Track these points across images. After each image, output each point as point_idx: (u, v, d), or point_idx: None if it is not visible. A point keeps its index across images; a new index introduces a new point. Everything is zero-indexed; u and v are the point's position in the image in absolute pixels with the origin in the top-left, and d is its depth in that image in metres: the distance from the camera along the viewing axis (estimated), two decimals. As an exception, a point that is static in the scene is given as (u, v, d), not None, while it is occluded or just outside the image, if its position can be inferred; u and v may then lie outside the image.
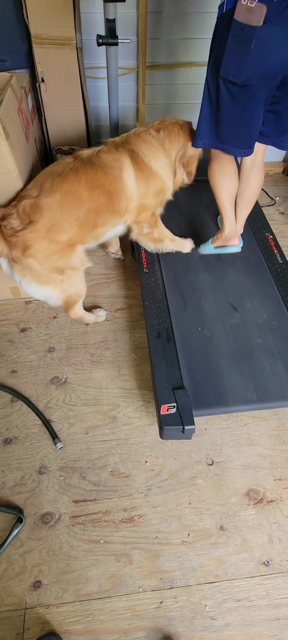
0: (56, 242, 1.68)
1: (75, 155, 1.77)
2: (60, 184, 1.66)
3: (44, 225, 1.63)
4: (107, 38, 1.98)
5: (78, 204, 1.69)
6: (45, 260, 1.68)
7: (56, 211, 1.65)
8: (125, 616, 1.40)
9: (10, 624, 1.38)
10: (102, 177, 1.71)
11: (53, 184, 1.66)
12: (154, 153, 1.84)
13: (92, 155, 1.75)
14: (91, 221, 1.76)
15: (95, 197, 1.72)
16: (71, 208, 1.68)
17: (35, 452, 1.74)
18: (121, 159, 1.76)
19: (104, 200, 1.74)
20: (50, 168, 1.74)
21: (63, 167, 1.71)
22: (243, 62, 1.39)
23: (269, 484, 1.68)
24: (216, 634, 1.37)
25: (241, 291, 2.02)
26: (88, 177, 1.69)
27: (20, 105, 1.99)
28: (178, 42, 2.51)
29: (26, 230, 1.61)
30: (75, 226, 1.72)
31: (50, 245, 1.67)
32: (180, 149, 1.91)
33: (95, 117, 2.77)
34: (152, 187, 1.86)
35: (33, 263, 1.66)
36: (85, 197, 1.69)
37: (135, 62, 2.54)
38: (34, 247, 1.63)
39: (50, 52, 2.18)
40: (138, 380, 1.99)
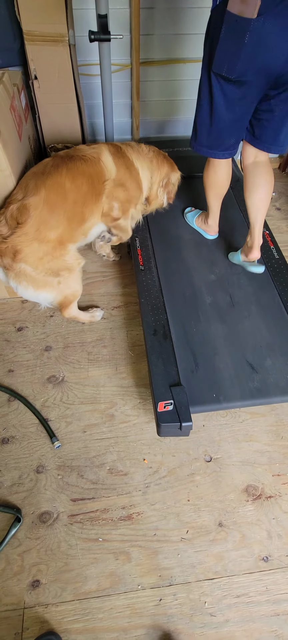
0: (46, 242, 1.68)
1: (55, 155, 1.82)
2: (44, 181, 1.68)
3: (31, 226, 1.63)
4: (99, 34, 1.96)
5: (63, 195, 1.71)
6: (38, 263, 1.67)
7: (43, 208, 1.65)
8: (124, 614, 1.40)
9: (9, 624, 1.38)
10: (82, 164, 1.77)
11: (37, 182, 1.68)
12: (139, 158, 1.99)
13: (70, 150, 1.84)
14: (78, 214, 1.79)
15: (79, 185, 1.75)
16: (57, 201, 1.69)
17: (33, 452, 1.74)
18: (100, 148, 1.88)
19: (86, 187, 1.78)
20: (32, 170, 1.79)
21: (43, 166, 1.75)
22: (236, 56, 1.37)
23: (268, 479, 1.68)
24: (216, 631, 1.37)
25: (237, 286, 2.02)
26: (68, 168, 1.74)
27: (12, 102, 1.98)
28: (172, 38, 2.50)
29: (14, 235, 1.61)
30: (64, 221, 1.72)
31: (40, 247, 1.66)
32: (165, 177, 2.11)
33: (91, 114, 2.76)
34: (131, 176, 1.96)
35: (26, 268, 1.65)
36: (68, 187, 1.72)
37: (129, 58, 2.53)
38: (24, 251, 1.62)
39: (43, 49, 2.16)
40: (135, 378, 1.99)
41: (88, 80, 2.55)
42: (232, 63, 1.40)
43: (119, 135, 2.80)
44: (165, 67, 2.62)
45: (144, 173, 2.01)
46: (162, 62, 2.59)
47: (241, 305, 1.94)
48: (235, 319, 1.88)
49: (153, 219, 2.31)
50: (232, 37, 1.35)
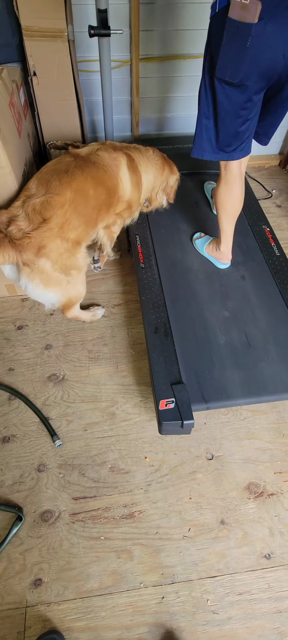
0: (67, 240, 1.70)
1: (74, 153, 1.82)
2: (70, 182, 1.69)
3: (57, 224, 1.64)
4: (99, 29, 1.96)
5: (86, 201, 1.75)
6: (58, 259, 1.68)
7: (68, 209, 1.67)
8: (127, 612, 1.41)
9: (11, 623, 1.39)
10: (103, 174, 1.81)
11: (61, 181, 1.68)
12: (147, 166, 2.04)
13: (90, 153, 1.84)
14: (93, 219, 1.84)
15: (99, 194, 1.80)
16: (80, 205, 1.72)
17: (34, 450, 1.75)
18: (119, 158, 1.88)
19: (104, 197, 1.84)
20: (52, 166, 1.76)
21: (66, 165, 1.75)
22: (239, 61, 1.38)
23: (269, 477, 1.69)
24: (218, 628, 1.38)
25: (238, 284, 2.04)
26: (93, 175, 1.77)
27: (11, 99, 1.98)
28: (172, 33, 2.49)
29: (40, 229, 1.60)
30: (83, 224, 1.75)
31: (62, 244, 1.68)
32: (164, 180, 2.15)
33: (90, 111, 2.76)
34: (138, 192, 2.01)
35: (45, 264, 1.65)
36: (91, 195, 1.76)
37: (129, 54, 2.52)
38: (49, 247, 1.63)
39: (42, 44, 2.15)
40: (136, 376, 2.00)
41: (87, 76, 2.54)
42: (235, 68, 1.40)
43: (118, 132, 2.79)
44: (164, 64, 2.61)
45: (148, 178, 2.06)
46: (162, 59, 2.58)
47: (242, 301, 1.96)
48: (237, 316, 1.89)
49: (154, 216, 2.31)
50: (234, 43, 1.35)
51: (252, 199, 2.51)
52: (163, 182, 2.16)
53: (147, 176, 2.05)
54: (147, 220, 2.32)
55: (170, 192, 2.23)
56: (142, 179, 2.02)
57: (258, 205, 2.48)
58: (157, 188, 2.15)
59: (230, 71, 1.42)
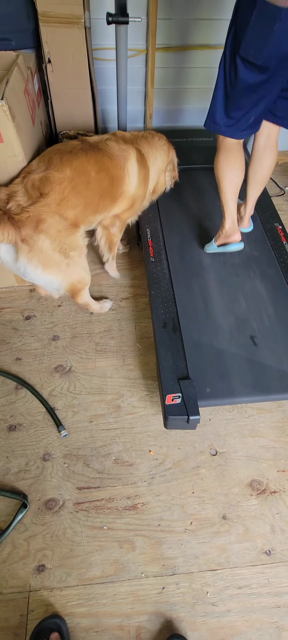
0: (65, 218, 1.74)
1: (82, 139, 1.90)
2: (71, 160, 1.76)
3: (54, 199, 1.68)
4: (117, 16, 1.98)
5: (86, 182, 1.80)
6: (57, 236, 1.71)
7: (66, 186, 1.72)
8: (128, 600, 1.50)
9: (15, 606, 1.48)
10: (108, 161, 1.87)
11: (62, 159, 1.75)
12: (155, 155, 2.11)
13: (99, 141, 1.91)
14: (94, 203, 1.89)
15: (101, 179, 1.85)
16: (80, 185, 1.77)
17: (40, 439, 1.84)
18: (128, 150, 1.95)
19: (107, 184, 1.89)
20: (57, 146, 1.85)
21: (71, 146, 1.83)
22: (264, 43, 1.43)
23: (272, 475, 1.77)
24: (217, 620, 1.47)
25: (249, 282, 2.10)
26: (96, 159, 1.83)
27: (26, 86, 2.04)
28: (190, 23, 2.53)
29: (38, 203, 1.64)
30: (81, 204, 1.80)
31: (60, 221, 1.72)
32: (170, 162, 2.25)
33: (102, 101, 2.82)
34: (145, 186, 2.10)
35: (44, 241, 1.67)
36: (92, 177, 1.82)
37: (145, 43, 2.58)
38: (47, 222, 1.66)
39: (58, 31, 2.19)
40: (142, 370, 2.08)
41: (101, 65, 2.60)
42: (259, 49, 1.46)
43: (130, 123, 2.83)
44: (180, 54, 2.66)
45: (155, 168, 2.15)
46: (179, 48, 2.63)
47: (252, 300, 2.02)
48: (247, 314, 1.96)
49: (165, 210, 2.38)
50: (261, 24, 1.41)
51: (264, 196, 2.56)
52: (170, 164, 2.25)
53: (155, 166, 2.14)
54: (158, 214, 2.39)
55: (177, 174, 2.33)
56: (150, 173, 2.11)
57: (271, 202, 2.55)
58: (163, 173, 2.23)
59: (253, 51, 1.48)
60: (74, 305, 2.30)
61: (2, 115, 1.72)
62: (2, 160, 1.83)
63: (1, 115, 1.72)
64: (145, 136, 2.13)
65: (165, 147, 2.20)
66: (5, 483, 1.73)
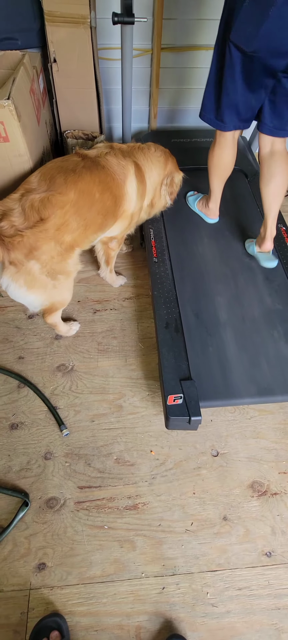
0: (61, 243, 1.68)
1: (82, 154, 1.83)
2: (75, 182, 1.68)
3: (54, 225, 1.61)
4: (122, 16, 1.97)
5: (90, 204, 1.75)
6: (48, 262, 1.66)
7: (68, 210, 1.65)
8: (128, 600, 1.51)
9: (15, 604, 1.50)
10: (111, 180, 1.83)
11: (67, 180, 1.67)
12: (151, 168, 2.07)
13: (99, 156, 1.85)
14: (97, 224, 1.85)
15: (105, 199, 1.81)
16: (83, 207, 1.72)
17: (41, 438, 1.86)
18: (127, 167, 1.90)
19: (110, 203, 1.85)
20: (58, 163, 1.77)
21: (73, 164, 1.75)
22: (256, 29, 1.42)
23: (273, 476, 1.79)
24: (217, 621, 1.48)
25: (252, 283, 2.12)
26: (101, 179, 1.78)
27: (32, 85, 2.07)
28: (195, 23, 2.55)
29: (36, 228, 1.57)
30: (82, 227, 1.75)
31: (55, 247, 1.66)
32: (169, 175, 2.16)
33: (107, 101, 2.84)
34: (142, 199, 2.07)
35: (34, 266, 1.62)
36: (97, 198, 1.76)
37: (150, 43, 2.60)
38: (41, 249, 1.60)
39: (63, 30, 2.22)
40: (144, 370, 2.10)
41: (106, 64, 2.62)
42: (250, 36, 1.46)
43: (134, 123, 2.87)
44: (185, 54, 2.68)
45: (152, 180, 2.09)
46: (184, 49, 2.65)
47: (255, 301, 2.03)
48: (249, 315, 1.97)
49: (169, 211, 2.39)
50: (255, 8, 1.40)
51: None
52: (168, 178, 2.16)
53: (152, 178, 2.08)
54: (161, 214, 2.40)
55: (175, 190, 2.24)
56: (147, 185, 2.06)
57: (276, 205, 2.55)
58: (159, 186, 2.15)
59: (245, 37, 1.48)
60: (76, 305, 2.33)
61: (8, 115, 1.75)
62: (8, 160, 1.85)
63: (7, 115, 1.75)
64: (141, 147, 2.07)
65: (162, 159, 2.12)
66: (6, 481, 1.75)
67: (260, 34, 1.43)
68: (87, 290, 2.40)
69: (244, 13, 1.44)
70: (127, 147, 2.02)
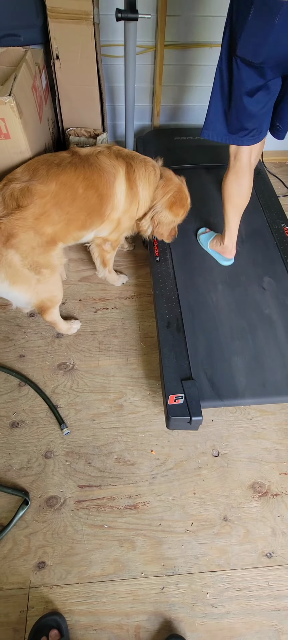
0: (41, 234, 1.68)
1: (73, 151, 1.83)
2: (58, 174, 1.70)
3: (32, 213, 1.62)
4: (126, 12, 1.98)
5: (72, 198, 1.74)
6: (28, 253, 1.65)
7: (49, 201, 1.66)
8: (127, 600, 1.52)
9: (15, 602, 1.51)
10: (97, 178, 1.80)
11: (49, 172, 1.69)
12: (146, 185, 1.96)
13: (90, 154, 1.83)
14: (80, 220, 1.83)
15: (89, 196, 1.79)
16: (65, 201, 1.72)
17: (42, 437, 1.87)
18: (117, 167, 1.87)
19: (95, 201, 1.83)
20: (45, 157, 1.79)
21: (60, 159, 1.76)
22: (264, 39, 1.40)
23: (274, 477, 1.79)
24: (216, 621, 1.49)
25: (254, 283, 2.12)
26: (85, 175, 1.76)
27: (34, 82, 2.08)
28: (199, 19, 2.53)
29: (12, 216, 1.58)
30: (64, 221, 1.75)
31: (35, 237, 1.66)
32: (152, 209, 2.02)
33: (110, 98, 2.84)
34: (133, 209, 1.99)
35: (13, 257, 1.61)
36: (80, 194, 1.76)
37: (153, 40, 2.59)
38: (19, 237, 1.60)
39: (66, 27, 2.20)
40: (145, 370, 2.11)
41: (109, 61, 2.62)
42: (258, 46, 1.43)
43: (137, 120, 2.88)
44: (189, 51, 2.67)
45: (145, 192, 1.99)
46: (188, 46, 2.64)
47: (257, 301, 2.04)
48: (250, 314, 1.98)
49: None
50: (261, 19, 1.38)
51: (271, 196, 2.59)
52: (152, 212, 2.03)
53: (144, 192, 1.98)
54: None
55: (159, 227, 2.08)
56: (140, 193, 1.97)
57: (278, 203, 2.56)
58: (142, 210, 2.06)
59: (252, 50, 1.45)
60: (78, 303, 2.34)
61: (10, 112, 1.76)
62: (9, 157, 1.86)
63: (9, 112, 1.76)
64: (146, 162, 1.99)
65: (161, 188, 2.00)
66: (7, 480, 1.76)
67: (268, 44, 1.41)
68: (88, 289, 2.41)
69: (249, 26, 1.42)
70: (128, 152, 1.98)
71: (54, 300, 1.95)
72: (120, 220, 2.00)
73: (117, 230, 2.06)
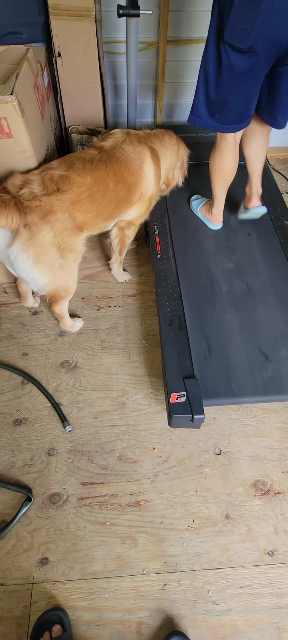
0: (74, 219, 1.79)
1: (99, 147, 1.95)
2: (92, 170, 1.82)
3: (70, 199, 1.74)
4: (128, 9, 1.99)
5: (104, 192, 1.87)
6: (60, 232, 1.75)
7: (84, 191, 1.79)
8: (129, 596, 1.55)
9: (18, 597, 1.53)
10: (125, 171, 1.95)
11: (84, 167, 1.81)
12: (166, 155, 2.19)
13: (115, 147, 1.95)
14: (108, 212, 1.98)
15: (119, 190, 1.94)
16: (97, 195, 1.85)
17: (45, 434, 1.90)
18: (143, 152, 2.00)
19: (124, 193, 1.97)
20: (77, 154, 1.90)
21: (91, 156, 1.89)
22: (251, 24, 1.41)
23: (277, 476, 1.81)
24: (218, 618, 1.51)
25: (257, 281, 2.13)
26: (115, 171, 1.90)
27: (36, 80, 2.08)
28: (202, 15, 2.54)
29: (53, 196, 1.70)
30: (94, 212, 1.87)
31: (69, 220, 1.77)
32: (180, 160, 2.32)
33: (112, 95, 2.86)
34: (158, 185, 2.17)
35: (48, 233, 1.70)
36: (111, 189, 1.89)
37: (156, 36, 2.61)
38: (57, 215, 1.71)
39: (68, 24, 2.22)
40: (148, 368, 2.13)
41: (111, 58, 2.64)
42: (246, 32, 1.44)
43: (140, 118, 2.87)
44: (192, 47, 2.68)
45: (166, 166, 2.21)
46: (191, 41, 2.65)
47: (260, 297, 2.05)
48: (253, 313, 1.99)
49: (173, 207, 2.42)
50: (247, 4, 1.39)
51: (275, 192, 2.59)
52: (179, 162, 2.32)
53: (165, 164, 2.19)
54: (166, 211, 2.43)
55: (186, 169, 2.39)
56: (162, 171, 2.16)
57: (282, 199, 2.57)
58: (173, 171, 2.30)
59: (240, 35, 1.46)
60: (80, 302, 2.36)
61: (12, 111, 1.76)
62: (12, 156, 1.88)
63: (11, 111, 1.76)
64: (157, 134, 2.17)
65: (175, 147, 2.24)
66: (10, 476, 1.79)
67: (255, 29, 1.42)
68: (91, 287, 2.44)
69: (235, 12, 1.42)
70: (144, 134, 2.13)
71: (68, 291, 2.01)
72: (152, 198, 2.17)
73: (148, 210, 2.23)
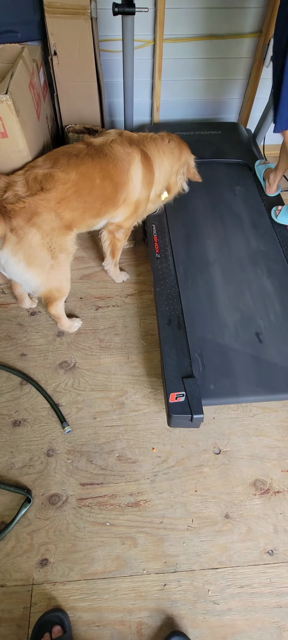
0: (61, 218, 1.77)
1: (88, 142, 1.92)
2: (77, 165, 1.79)
3: (55, 197, 1.71)
4: (123, 6, 1.99)
5: (90, 188, 1.84)
6: (48, 233, 1.73)
7: (69, 188, 1.76)
8: (129, 596, 1.55)
9: (18, 598, 1.54)
10: (112, 168, 1.90)
11: (69, 162, 1.78)
12: (161, 158, 2.11)
13: (104, 144, 1.92)
14: (96, 208, 1.94)
15: (105, 186, 1.90)
16: (83, 190, 1.81)
17: (44, 435, 1.90)
18: (132, 154, 1.96)
19: (111, 191, 1.93)
20: (63, 148, 1.86)
21: (77, 150, 1.85)
22: None
23: (276, 475, 1.81)
24: (218, 618, 1.52)
25: (255, 279, 2.13)
26: (102, 166, 1.86)
27: (31, 79, 2.08)
28: (199, 12, 2.54)
29: (37, 196, 1.67)
30: (81, 208, 1.85)
31: (56, 219, 1.75)
32: (184, 164, 2.24)
33: (109, 94, 2.85)
34: (148, 190, 2.12)
35: (34, 236, 1.68)
36: (97, 184, 1.86)
37: (152, 34, 2.60)
38: (42, 216, 1.68)
39: (64, 22, 2.22)
40: (147, 367, 2.13)
41: (108, 56, 2.63)
42: None
43: (137, 116, 2.88)
44: (189, 44, 2.68)
45: (162, 171, 2.14)
46: (188, 39, 2.64)
47: (259, 298, 2.04)
48: (253, 311, 1.99)
49: (172, 206, 2.41)
50: None
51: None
52: (183, 167, 2.23)
53: (162, 169, 2.13)
54: (164, 210, 2.42)
55: (194, 172, 2.31)
56: (155, 176, 2.11)
57: (280, 197, 2.57)
58: (174, 176, 2.22)
59: None
60: (78, 302, 2.36)
61: (7, 110, 1.77)
62: (7, 156, 1.88)
63: (5, 110, 1.77)
64: (154, 138, 2.12)
65: (176, 151, 2.17)
66: (9, 478, 1.79)
67: None
68: (89, 287, 2.44)
69: None
70: (138, 136, 2.08)
71: (62, 292, 2.00)
72: (138, 203, 2.10)
73: (135, 214, 2.15)
